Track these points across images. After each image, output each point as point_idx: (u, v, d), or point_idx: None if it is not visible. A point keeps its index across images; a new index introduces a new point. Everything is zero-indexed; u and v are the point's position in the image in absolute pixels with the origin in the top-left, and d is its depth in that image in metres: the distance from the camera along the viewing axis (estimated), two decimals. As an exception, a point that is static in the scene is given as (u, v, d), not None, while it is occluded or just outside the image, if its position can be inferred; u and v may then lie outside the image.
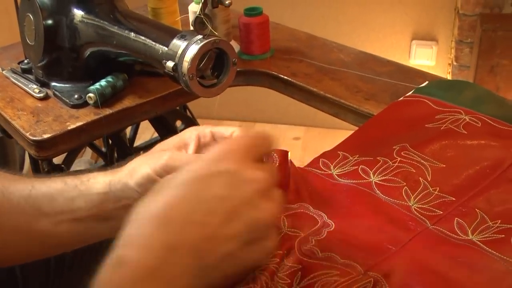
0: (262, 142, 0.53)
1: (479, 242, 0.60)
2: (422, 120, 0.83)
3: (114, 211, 0.63)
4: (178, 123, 1.58)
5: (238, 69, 1.13)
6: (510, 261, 0.57)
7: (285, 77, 1.10)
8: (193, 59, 0.81)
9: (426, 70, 1.14)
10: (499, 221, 0.63)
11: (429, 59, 2.30)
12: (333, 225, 0.61)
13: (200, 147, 0.66)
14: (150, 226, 0.46)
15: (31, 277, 0.85)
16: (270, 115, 2.54)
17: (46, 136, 0.94)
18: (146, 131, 2.06)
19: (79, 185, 0.64)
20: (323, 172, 0.72)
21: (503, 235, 0.61)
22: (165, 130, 1.43)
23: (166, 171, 0.60)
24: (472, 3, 2.08)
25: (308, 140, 2.45)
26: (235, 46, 1.19)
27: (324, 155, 0.76)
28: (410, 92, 0.93)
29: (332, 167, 0.73)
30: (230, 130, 0.64)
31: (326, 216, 0.63)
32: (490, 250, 0.59)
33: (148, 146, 1.54)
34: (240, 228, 0.46)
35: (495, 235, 0.61)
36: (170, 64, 0.83)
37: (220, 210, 0.47)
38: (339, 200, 0.67)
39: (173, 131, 1.45)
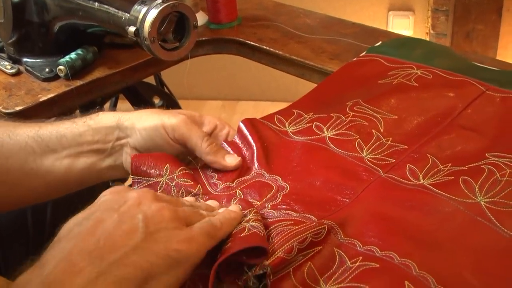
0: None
1: (429, 186, 0.62)
2: (375, 77, 0.85)
3: (115, 147, 0.67)
4: (156, 100, 1.60)
5: (206, 38, 1.16)
6: (459, 200, 0.59)
7: (251, 43, 1.12)
8: (153, 23, 0.83)
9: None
10: (450, 164, 0.65)
11: (406, 29, 2.33)
12: (288, 187, 0.63)
13: (212, 133, 0.70)
14: (45, 254, 0.47)
15: (10, 249, 0.87)
16: (253, 93, 2.56)
17: (18, 108, 0.96)
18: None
19: (88, 121, 0.67)
20: (278, 128, 0.73)
21: (452, 177, 0.63)
22: (143, 106, 1.45)
23: (173, 130, 0.64)
24: (445, -29, 2.11)
25: (292, 116, 2.48)
26: (203, 16, 1.21)
27: (279, 112, 0.77)
28: (364, 52, 0.95)
29: (287, 124, 0.74)
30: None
31: (281, 179, 0.64)
32: (439, 191, 0.61)
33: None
34: (135, 223, 0.47)
35: (445, 177, 0.63)
36: (132, 29, 0.85)
37: (112, 216, 0.48)
38: (294, 159, 0.67)
39: (151, 108, 1.48)
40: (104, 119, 0.67)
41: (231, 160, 0.66)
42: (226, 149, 0.68)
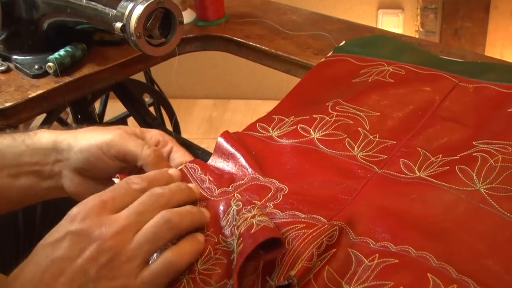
0: (125, 192, 0.54)
1: (427, 177, 0.62)
2: (348, 77, 0.86)
3: (53, 169, 0.66)
4: (147, 98, 1.61)
5: (194, 35, 1.18)
6: (459, 189, 0.60)
7: (238, 39, 1.14)
8: (139, 18, 0.85)
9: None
10: (440, 155, 0.65)
11: (396, 27, 2.35)
12: (287, 188, 0.62)
13: None
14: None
15: (1, 245, 0.88)
16: (244, 91, 2.58)
17: (7, 104, 0.98)
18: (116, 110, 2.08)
19: (26, 139, 0.66)
20: (262, 134, 0.73)
21: (448, 167, 0.63)
22: (132, 104, 1.46)
23: (109, 147, 0.62)
24: (433, -31, 2.13)
25: (283, 114, 2.49)
26: (191, 14, 1.23)
27: (259, 120, 0.76)
28: (331, 53, 0.96)
29: (270, 130, 0.73)
30: (185, 158, 0.65)
31: (277, 182, 0.63)
32: (439, 182, 0.61)
33: (117, 121, 1.58)
34: (87, 284, 0.48)
35: (440, 168, 0.63)
36: (118, 25, 0.87)
37: (66, 270, 0.48)
38: (286, 162, 0.67)
39: (141, 105, 1.49)
40: (41, 138, 0.65)
41: (174, 173, 0.62)
42: (168, 162, 0.65)
